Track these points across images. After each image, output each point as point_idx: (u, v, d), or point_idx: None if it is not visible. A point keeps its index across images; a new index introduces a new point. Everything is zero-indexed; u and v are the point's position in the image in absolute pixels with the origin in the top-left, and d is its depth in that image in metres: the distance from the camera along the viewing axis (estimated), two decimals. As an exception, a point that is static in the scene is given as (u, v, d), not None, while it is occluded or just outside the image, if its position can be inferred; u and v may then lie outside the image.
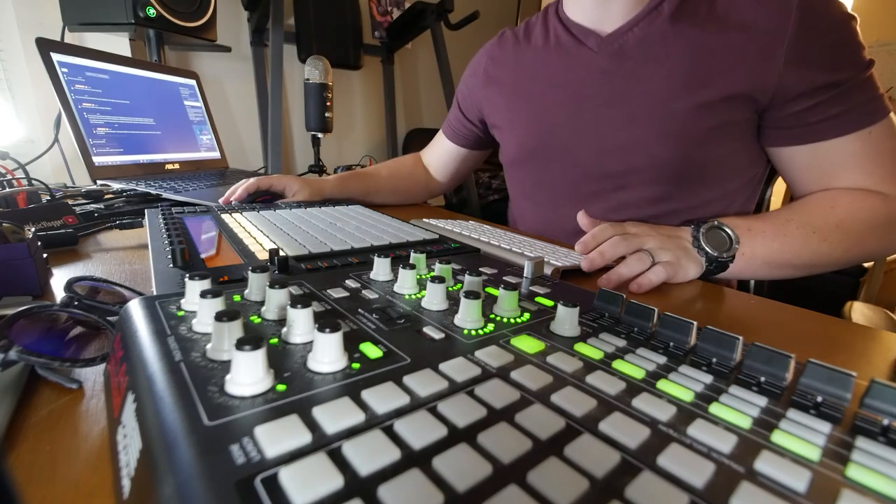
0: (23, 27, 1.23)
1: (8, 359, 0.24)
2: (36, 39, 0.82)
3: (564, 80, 0.68)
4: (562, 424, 0.17)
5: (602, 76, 0.64)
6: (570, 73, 0.67)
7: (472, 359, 0.21)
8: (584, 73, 0.66)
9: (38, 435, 0.23)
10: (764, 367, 0.22)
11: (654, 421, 0.18)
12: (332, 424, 0.16)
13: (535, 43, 0.73)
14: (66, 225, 0.59)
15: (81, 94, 0.86)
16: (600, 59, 0.64)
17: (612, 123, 0.64)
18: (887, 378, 0.26)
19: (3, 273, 0.38)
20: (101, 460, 0.21)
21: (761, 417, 0.18)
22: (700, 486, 0.14)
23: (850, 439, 0.17)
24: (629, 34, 0.61)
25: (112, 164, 0.89)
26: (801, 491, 0.14)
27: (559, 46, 0.69)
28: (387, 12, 2.22)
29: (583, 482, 0.14)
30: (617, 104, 0.63)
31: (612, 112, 0.63)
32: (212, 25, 1.34)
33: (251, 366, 0.17)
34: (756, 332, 0.40)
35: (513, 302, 0.27)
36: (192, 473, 0.13)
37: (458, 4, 1.85)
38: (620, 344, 0.24)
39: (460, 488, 0.13)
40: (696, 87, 0.57)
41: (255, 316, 0.25)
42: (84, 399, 0.26)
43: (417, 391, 0.18)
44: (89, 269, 0.48)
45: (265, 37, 1.88)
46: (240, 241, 0.45)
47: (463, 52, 0.90)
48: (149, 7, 1.13)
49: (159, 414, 0.16)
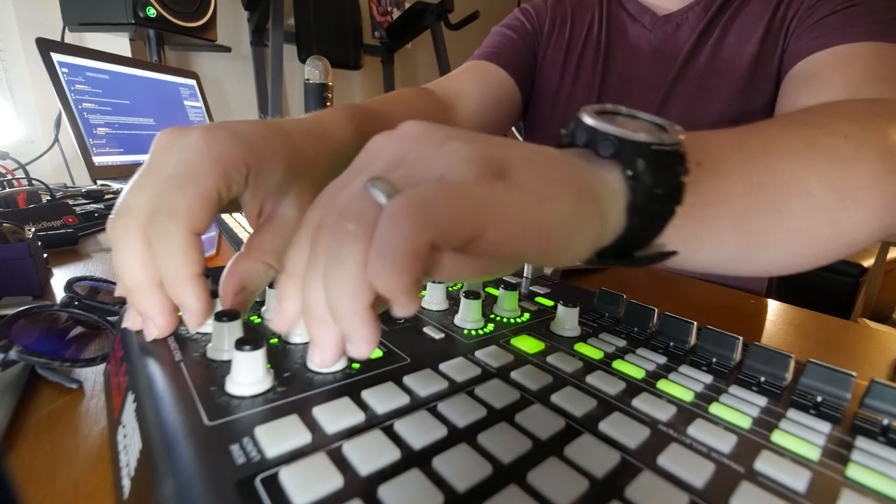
0: (23, 27, 1.23)
1: (8, 359, 0.24)
2: (36, 39, 0.82)
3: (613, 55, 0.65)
4: (562, 424, 0.17)
5: (653, 55, 0.61)
6: (619, 49, 0.65)
7: (472, 359, 0.21)
8: (633, 51, 0.63)
9: (38, 435, 0.23)
10: (764, 367, 0.22)
11: (654, 421, 0.18)
12: (332, 424, 0.16)
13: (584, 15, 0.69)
14: (67, 225, 0.59)
15: (81, 94, 0.87)
16: (653, 36, 0.62)
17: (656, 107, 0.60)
18: (887, 378, 0.26)
19: (4, 273, 0.38)
20: (101, 460, 0.21)
21: (761, 417, 0.18)
22: (700, 486, 0.14)
23: (849, 439, 0.17)
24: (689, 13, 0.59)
25: (112, 164, 0.89)
26: (801, 491, 0.14)
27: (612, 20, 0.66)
28: (387, 12, 2.22)
29: (583, 482, 0.14)
30: (666, 86, 0.60)
31: (657, 94, 0.61)
32: (212, 25, 1.34)
33: (251, 366, 0.17)
34: (756, 332, 0.40)
35: (513, 302, 0.27)
36: (192, 473, 0.13)
37: (458, 4, 1.85)
38: (620, 344, 0.24)
39: (460, 488, 0.13)
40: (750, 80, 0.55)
41: (255, 316, 0.25)
42: (84, 399, 0.26)
43: (417, 391, 0.18)
44: (89, 269, 0.48)
45: (265, 37, 1.88)
46: (240, 240, 0.45)
47: (463, 53, 0.89)
48: (149, 7, 1.13)
49: (159, 414, 0.16)
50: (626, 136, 0.19)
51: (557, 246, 0.17)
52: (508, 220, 0.15)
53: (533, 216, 0.16)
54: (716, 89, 0.57)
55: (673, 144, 0.20)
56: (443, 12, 1.85)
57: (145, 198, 0.22)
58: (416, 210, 0.13)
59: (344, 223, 0.15)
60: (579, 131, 0.20)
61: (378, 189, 0.15)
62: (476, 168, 0.15)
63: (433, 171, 0.16)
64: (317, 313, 0.16)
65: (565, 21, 0.70)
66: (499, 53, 0.68)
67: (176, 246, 0.20)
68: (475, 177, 0.15)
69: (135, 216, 0.21)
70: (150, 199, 0.21)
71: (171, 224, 0.20)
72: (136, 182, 0.22)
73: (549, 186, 0.17)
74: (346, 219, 0.15)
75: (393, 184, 0.15)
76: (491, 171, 0.16)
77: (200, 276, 0.21)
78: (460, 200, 0.14)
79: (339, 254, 0.15)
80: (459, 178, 0.15)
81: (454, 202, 0.14)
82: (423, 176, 0.16)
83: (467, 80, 0.66)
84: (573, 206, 0.17)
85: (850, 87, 0.40)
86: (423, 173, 0.16)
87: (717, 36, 0.57)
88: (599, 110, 0.21)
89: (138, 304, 0.22)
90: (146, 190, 0.22)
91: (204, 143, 0.22)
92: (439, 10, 1.85)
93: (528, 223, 0.16)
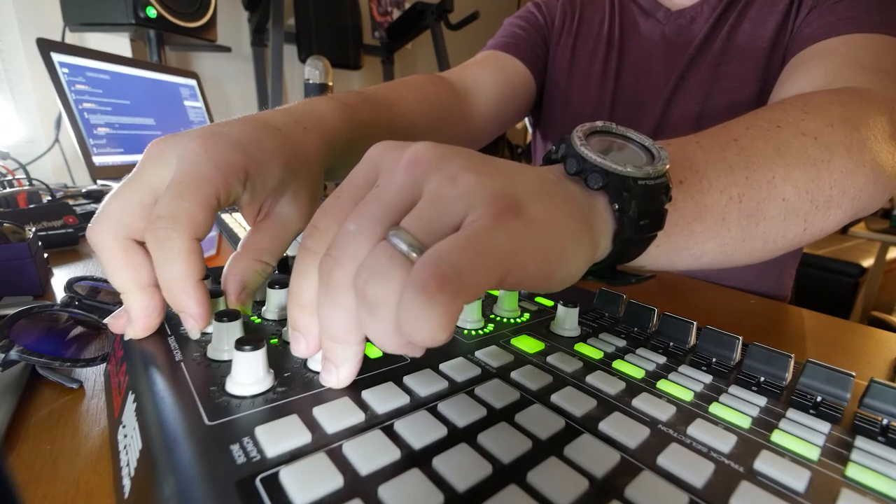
0: (23, 27, 1.23)
1: (8, 358, 0.24)
2: (37, 40, 0.82)
3: (626, 50, 0.65)
4: (562, 424, 0.17)
5: (666, 47, 0.61)
6: (632, 44, 0.64)
7: (472, 359, 0.21)
8: (646, 44, 0.63)
9: (38, 434, 0.23)
10: (763, 366, 0.22)
11: (654, 421, 0.18)
12: (332, 424, 0.16)
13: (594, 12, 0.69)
14: (67, 225, 0.59)
15: (82, 95, 0.87)
16: (667, 29, 0.61)
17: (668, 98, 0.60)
18: (886, 378, 0.26)
19: (4, 273, 0.38)
20: (102, 460, 0.21)
21: (761, 417, 0.18)
22: (700, 486, 0.14)
23: (849, 439, 0.17)
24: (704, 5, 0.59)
25: (113, 164, 0.89)
26: (801, 490, 0.14)
27: (624, 15, 0.66)
28: (387, 12, 2.22)
29: (583, 482, 0.14)
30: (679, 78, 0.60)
31: (671, 86, 0.60)
32: (212, 26, 1.34)
33: (251, 366, 0.17)
34: (755, 331, 0.40)
35: (513, 302, 0.27)
36: (192, 473, 0.13)
37: (458, 4, 1.85)
38: (620, 344, 0.24)
39: (460, 488, 0.13)
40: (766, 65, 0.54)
41: (255, 316, 0.25)
42: (84, 399, 0.26)
43: (417, 391, 0.18)
44: (90, 269, 0.48)
45: (265, 37, 1.88)
46: (240, 240, 0.45)
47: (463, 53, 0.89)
48: (149, 7, 1.13)
49: (159, 414, 0.16)
50: (614, 170, 0.19)
51: (560, 274, 0.18)
52: (528, 261, 0.16)
53: (547, 252, 0.17)
54: (732, 75, 0.57)
55: (659, 177, 0.20)
56: (443, 12, 1.85)
57: (123, 205, 0.22)
58: (446, 280, 0.13)
59: (374, 285, 0.15)
60: (570, 158, 0.20)
61: (403, 242, 0.15)
62: (494, 208, 0.16)
63: (452, 215, 0.16)
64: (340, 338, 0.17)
65: (574, 17, 0.70)
66: (514, 44, 0.68)
67: (177, 252, 0.20)
68: (494, 219, 0.16)
69: (108, 222, 0.22)
70: (130, 206, 0.22)
71: (173, 230, 0.20)
72: (118, 189, 0.23)
73: (557, 220, 0.18)
74: (374, 278, 0.15)
75: (415, 235, 0.15)
76: (507, 209, 0.16)
77: (202, 281, 0.21)
78: (487, 258, 0.14)
79: (376, 312, 0.15)
80: (480, 226, 0.15)
81: (481, 261, 0.14)
82: (444, 221, 0.16)
83: (485, 69, 0.64)
84: (577, 238, 0.18)
85: (829, 74, 0.41)
86: (443, 218, 0.16)
87: (731, 23, 0.57)
88: (590, 130, 0.21)
89: (126, 304, 0.22)
90: (125, 198, 0.22)
91: (203, 151, 0.22)
92: (439, 11, 1.85)
93: (544, 260, 0.16)
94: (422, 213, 0.16)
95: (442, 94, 0.55)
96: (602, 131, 0.22)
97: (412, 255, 0.15)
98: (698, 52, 0.59)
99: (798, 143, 0.30)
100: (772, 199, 0.28)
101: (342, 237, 0.17)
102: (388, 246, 0.15)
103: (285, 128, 0.27)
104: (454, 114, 0.57)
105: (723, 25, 0.57)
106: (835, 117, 0.32)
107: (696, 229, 0.25)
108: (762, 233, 0.29)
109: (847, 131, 0.32)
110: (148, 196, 0.22)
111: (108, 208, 0.22)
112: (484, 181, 0.17)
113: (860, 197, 0.33)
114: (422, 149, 0.18)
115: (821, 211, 0.30)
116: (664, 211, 0.21)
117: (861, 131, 0.33)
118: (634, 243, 0.21)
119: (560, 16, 0.70)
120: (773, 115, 0.32)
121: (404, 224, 0.16)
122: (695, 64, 0.59)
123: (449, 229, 0.16)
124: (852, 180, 0.32)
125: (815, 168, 0.30)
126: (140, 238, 0.22)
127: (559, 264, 0.17)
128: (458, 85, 0.60)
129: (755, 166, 0.28)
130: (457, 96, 0.58)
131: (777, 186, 0.28)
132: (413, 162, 0.17)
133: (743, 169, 0.27)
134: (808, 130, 0.31)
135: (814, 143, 0.30)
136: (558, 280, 0.18)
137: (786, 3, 0.52)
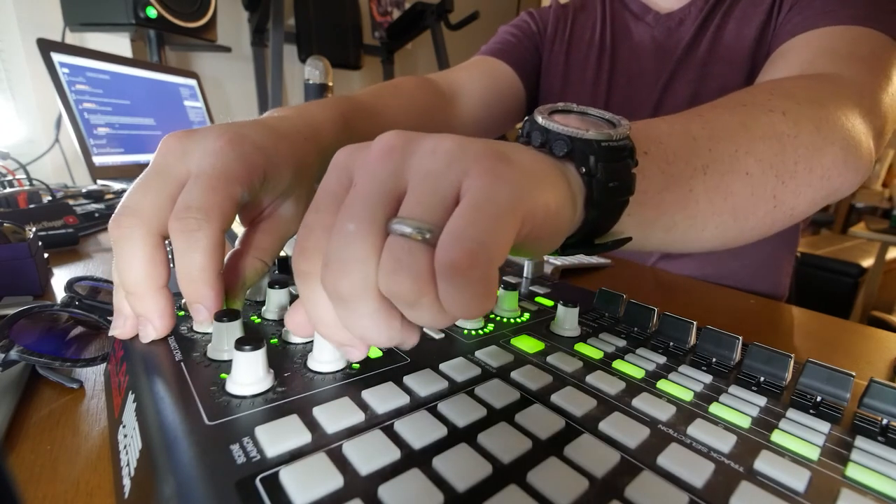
0: (23, 27, 1.23)
1: (9, 358, 0.24)
2: (37, 40, 0.82)
3: (617, 54, 0.65)
4: (562, 424, 0.17)
5: (656, 50, 0.62)
6: (623, 48, 0.65)
7: (472, 359, 0.21)
8: (637, 48, 0.64)
9: (38, 434, 0.23)
10: (763, 366, 0.22)
11: (654, 421, 0.18)
12: (332, 424, 0.16)
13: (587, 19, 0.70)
14: (67, 225, 0.59)
15: (82, 95, 0.87)
16: (656, 32, 0.62)
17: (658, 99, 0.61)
18: (886, 378, 0.26)
19: (4, 273, 0.38)
20: (102, 460, 0.21)
21: (761, 417, 0.18)
22: (700, 486, 0.14)
23: (849, 439, 0.17)
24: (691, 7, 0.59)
25: (113, 164, 0.89)
26: (801, 490, 0.14)
27: (615, 20, 0.67)
28: (387, 12, 2.22)
29: (583, 482, 0.14)
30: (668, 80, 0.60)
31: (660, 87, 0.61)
32: (212, 26, 1.34)
33: (251, 366, 0.17)
34: (755, 331, 0.40)
35: (513, 302, 0.27)
36: (192, 473, 0.13)
37: (458, 4, 1.85)
38: (620, 344, 0.24)
39: (460, 488, 0.13)
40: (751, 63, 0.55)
41: (255, 316, 0.25)
42: (84, 399, 0.26)
43: (417, 391, 0.18)
44: (90, 269, 0.48)
45: (265, 37, 1.88)
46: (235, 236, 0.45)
47: (463, 53, 0.89)
48: (149, 7, 1.13)
49: (159, 414, 0.16)
50: (576, 135, 0.20)
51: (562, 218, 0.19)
52: (534, 206, 0.16)
53: (545, 196, 0.17)
54: (718, 76, 0.57)
55: (621, 139, 0.21)
56: (443, 12, 1.85)
57: (154, 199, 0.22)
58: (474, 256, 0.14)
59: (404, 282, 0.15)
60: (534, 132, 0.21)
61: (412, 228, 0.15)
62: (485, 162, 0.16)
63: (448, 185, 0.16)
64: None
65: (566, 24, 0.71)
66: (505, 50, 0.69)
67: (205, 243, 0.21)
68: (490, 174, 0.15)
69: (141, 216, 0.21)
70: (161, 200, 0.22)
71: (205, 221, 0.21)
72: (143, 182, 0.22)
73: (542, 166, 0.18)
74: (401, 275, 0.15)
75: (421, 218, 0.15)
76: (498, 159, 0.16)
77: (221, 274, 0.22)
78: (500, 218, 0.15)
79: (418, 305, 0.15)
80: (481, 186, 0.15)
81: (497, 224, 0.15)
82: (442, 195, 0.16)
83: (472, 72, 0.66)
84: (562, 185, 0.19)
85: (804, 63, 0.41)
86: (440, 192, 0.16)
87: (717, 24, 0.57)
88: (551, 110, 0.22)
89: (137, 306, 0.21)
90: (155, 191, 0.22)
91: (231, 149, 0.23)
92: (439, 11, 1.85)
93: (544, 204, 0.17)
94: (417, 194, 0.16)
95: (428, 98, 0.57)
96: (563, 111, 0.22)
97: (426, 237, 0.15)
98: (686, 53, 0.59)
99: (766, 118, 0.30)
100: (735, 172, 0.28)
101: (339, 242, 0.16)
102: (400, 238, 0.15)
103: (291, 136, 0.28)
104: (439, 115, 0.58)
105: (709, 27, 0.58)
106: (802, 98, 0.33)
107: (666, 199, 0.26)
108: (731, 207, 0.29)
109: (815, 109, 0.32)
110: (176, 189, 0.22)
111: (139, 201, 0.21)
112: (463, 143, 0.17)
113: (829, 176, 0.33)
114: (390, 137, 0.17)
115: (788, 188, 0.31)
116: (632, 175, 0.21)
117: (829, 109, 0.33)
118: (607, 209, 0.21)
119: (553, 24, 0.72)
120: (741, 96, 0.33)
121: (404, 213, 0.15)
122: (683, 65, 0.60)
123: (450, 201, 0.16)
124: (819, 157, 0.32)
125: (780, 143, 0.30)
126: (165, 233, 0.22)
127: (556, 206, 0.18)
128: (446, 87, 0.61)
129: (718, 139, 0.28)
130: (443, 99, 0.60)
131: (740, 160, 0.28)
132: (385, 151, 0.17)
133: (707, 140, 0.28)
134: (776, 107, 0.31)
135: (781, 119, 0.31)
136: (562, 225, 0.19)
137: (768, 3, 0.53)
